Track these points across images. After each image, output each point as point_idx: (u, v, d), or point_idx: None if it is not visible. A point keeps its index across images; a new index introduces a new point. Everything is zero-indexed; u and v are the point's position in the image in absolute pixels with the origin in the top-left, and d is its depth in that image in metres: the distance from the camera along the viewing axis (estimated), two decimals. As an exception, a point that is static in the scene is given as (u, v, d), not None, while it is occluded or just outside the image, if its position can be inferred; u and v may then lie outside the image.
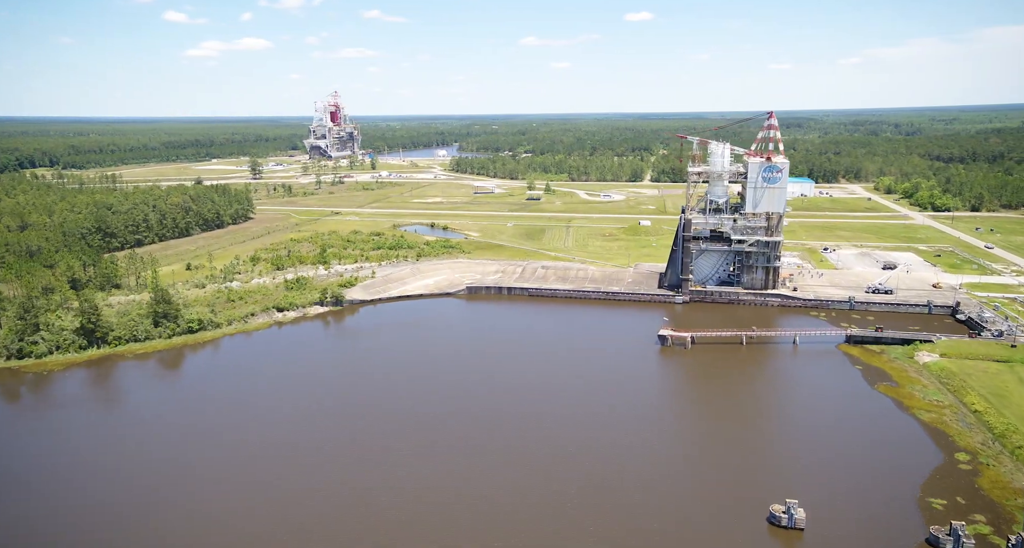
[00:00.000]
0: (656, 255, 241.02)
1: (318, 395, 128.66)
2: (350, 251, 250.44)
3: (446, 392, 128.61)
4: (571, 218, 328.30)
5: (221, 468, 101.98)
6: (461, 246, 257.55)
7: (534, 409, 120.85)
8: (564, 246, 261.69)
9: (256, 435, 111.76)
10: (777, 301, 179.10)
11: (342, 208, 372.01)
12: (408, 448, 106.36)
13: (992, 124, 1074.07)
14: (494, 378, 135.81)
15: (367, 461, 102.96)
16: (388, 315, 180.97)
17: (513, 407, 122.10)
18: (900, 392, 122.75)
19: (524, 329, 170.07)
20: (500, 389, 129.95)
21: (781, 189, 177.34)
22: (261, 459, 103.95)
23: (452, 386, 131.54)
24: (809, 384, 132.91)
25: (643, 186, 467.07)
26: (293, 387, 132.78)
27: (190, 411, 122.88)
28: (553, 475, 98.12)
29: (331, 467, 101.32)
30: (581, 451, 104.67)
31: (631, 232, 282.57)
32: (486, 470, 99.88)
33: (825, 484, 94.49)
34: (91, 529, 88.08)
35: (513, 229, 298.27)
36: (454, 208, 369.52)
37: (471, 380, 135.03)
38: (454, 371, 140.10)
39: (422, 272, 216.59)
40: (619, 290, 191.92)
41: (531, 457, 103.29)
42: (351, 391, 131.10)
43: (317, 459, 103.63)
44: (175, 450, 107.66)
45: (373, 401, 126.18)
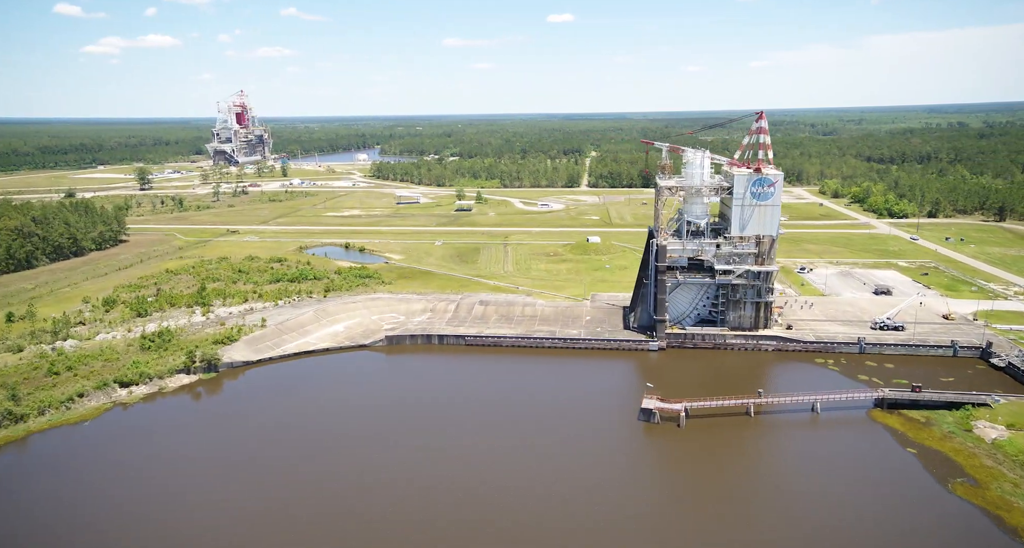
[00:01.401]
0: (612, 281, 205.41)
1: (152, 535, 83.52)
2: (240, 286, 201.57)
3: (348, 512, 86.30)
4: (508, 233, 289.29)
5: None
6: (380, 274, 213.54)
7: (480, 535, 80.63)
8: (503, 271, 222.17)
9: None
10: (772, 345, 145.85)
11: (240, 225, 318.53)
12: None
13: (896, 125, 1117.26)
14: (418, 488, 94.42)
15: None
16: (278, 384, 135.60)
17: (448, 531, 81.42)
18: (988, 498, 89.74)
19: (461, 400, 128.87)
20: (427, 506, 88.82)
21: (774, 207, 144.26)
22: None
23: (358, 501, 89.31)
24: (857, 484, 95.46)
25: (581, 192, 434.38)
26: (121, 519, 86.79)
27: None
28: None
29: None
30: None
31: (579, 250, 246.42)
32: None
33: None
34: None
35: (442, 249, 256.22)
36: (373, 223, 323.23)
37: (387, 490, 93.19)
38: (363, 475, 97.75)
39: (329, 315, 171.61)
40: (579, 335, 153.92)
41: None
42: (216, 521, 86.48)
43: None
44: None
45: (248, 525, 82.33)
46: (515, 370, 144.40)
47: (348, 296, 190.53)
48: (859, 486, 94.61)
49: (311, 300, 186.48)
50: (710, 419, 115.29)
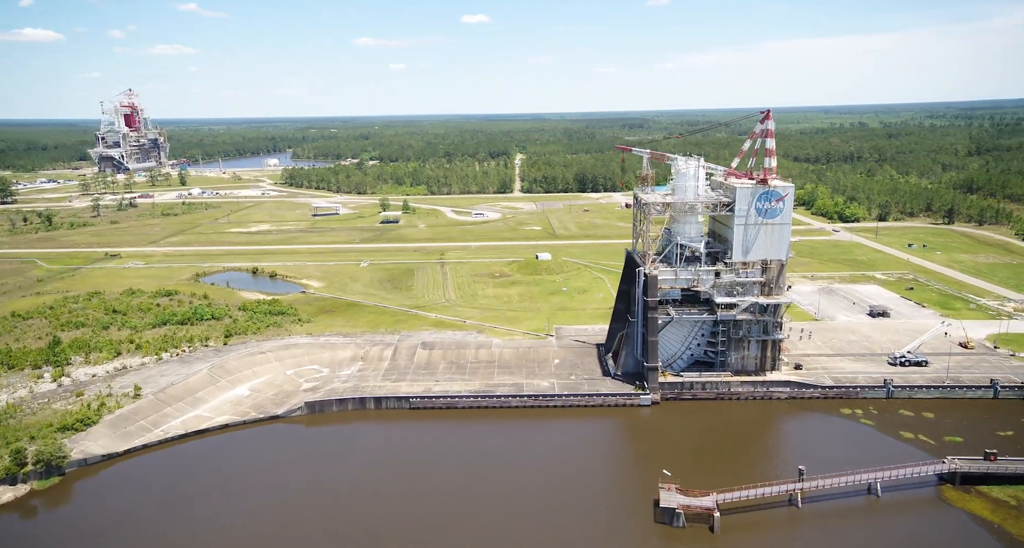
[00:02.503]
0: (574, 307, 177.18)
1: None
2: (113, 333, 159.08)
3: None
4: (443, 249, 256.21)
5: None
6: (296, 309, 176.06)
7: None
8: (445, 298, 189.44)
9: None
10: (785, 392, 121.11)
11: (124, 247, 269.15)
12: None
13: (801, 125, 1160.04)
14: None
15: None
16: (153, 488, 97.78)
17: None
18: None
19: (411, 494, 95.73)
20: None
21: (783, 225, 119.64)
22: None
23: None
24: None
25: (516, 199, 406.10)
26: None
27: None
28: None
29: None
30: None
31: (528, 270, 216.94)
32: None
33: None
34: None
35: (370, 272, 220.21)
36: (287, 240, 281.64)
37: None
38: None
39: (230, 373, 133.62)
40: (553, 390, 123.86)
41: None
42: None
43: None
44: None
45: None
46: (477, 442, 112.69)
47: (255, 342, 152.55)
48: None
49: (207, 350, 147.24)
50: (747, 515, 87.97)
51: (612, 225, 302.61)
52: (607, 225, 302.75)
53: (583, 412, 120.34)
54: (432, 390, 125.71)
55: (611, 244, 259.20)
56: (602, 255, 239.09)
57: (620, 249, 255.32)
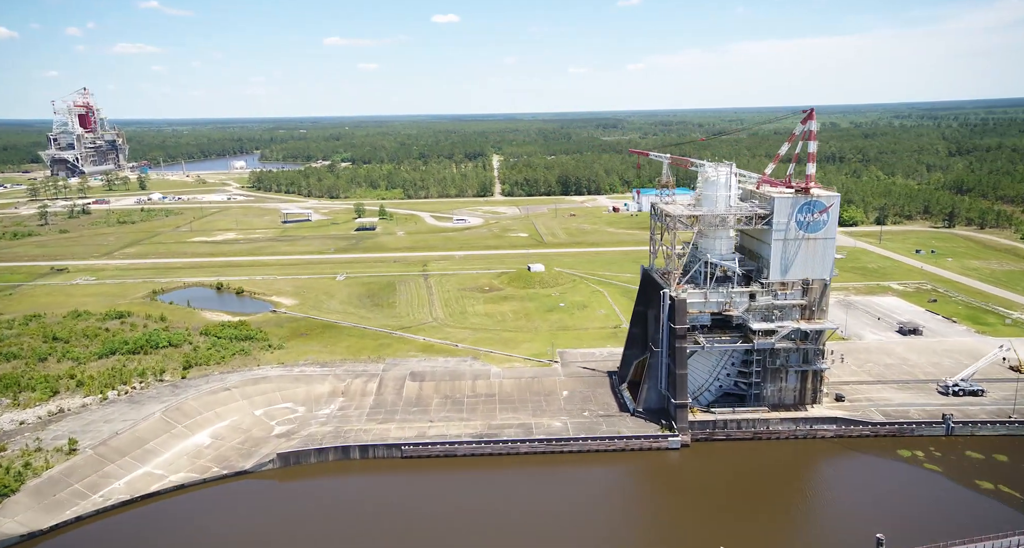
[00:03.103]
0: (575, 326, 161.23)
1: None
2: (52, 366, 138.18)
3: None
4: (426, 260, 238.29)
5: None
6: (266, 333, 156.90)
7: None
8: (432, 317, 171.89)
9: None
10: (831, 430, 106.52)
11: (72, 260, 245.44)
12: None
13: (773, 125, 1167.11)
14: None
15: None
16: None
17: None
18: None
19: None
20: None
21: (827, 240, 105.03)
22: None
23: None
24: None
25: (497, 202, 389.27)
26: None
27: None
28: None
29: None
30: None
31: (520, 282, 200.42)
32: None
33: None
34: None
35: (347, 287, 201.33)
36: (255, 250, 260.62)
37: None
38: None
39: (188, 416, 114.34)
40: (565, 432, 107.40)
41: None
42: None
43: None
44: None
45: None
46: (482, 497, 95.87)
47: (219, 374, 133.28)
48: None
49: (162, 387, 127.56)
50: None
51: (602, 231, 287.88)
52: (597, 231, 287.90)
53: (602, 458, 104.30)
54: (427, 434, 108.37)
55: (604, 253, 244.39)
56: (597, 265, 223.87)
57: (615, 258, 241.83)
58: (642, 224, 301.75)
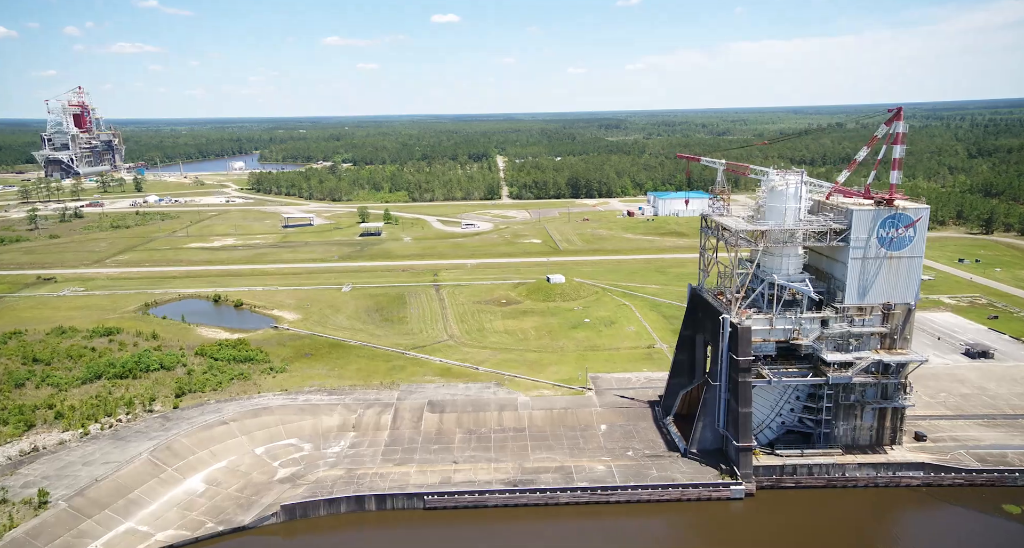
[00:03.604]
0: (604, 345, 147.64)
1: None
2: (28, 393, 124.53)
3: None
4: (436, 269, 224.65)
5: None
6: (267, 354, 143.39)
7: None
8: (447, 333, 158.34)
9: None
10: (918, 477, 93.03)
11: (61, 268, 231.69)
12: None
13: (776, 125, 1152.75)
14: None
15: None
16: None
17: None
18: None
19: None
20: None
21: (913, 259, 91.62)
22: None
23: None
24: None
25: (505, 206, 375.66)
26: None
27: None
28: None
29: None
30: None
31: (539, 295, 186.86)
32: None
33: None
34: None
35: (353, 299, 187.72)
36: (254, 258, 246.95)
37: None
38: None
39: (179, 456, 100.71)
40: (610, 479, 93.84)
41: None
42: None
43: None
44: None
45: None
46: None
47: (215, 402, 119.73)
48: None
49: (151, 419, 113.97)
50: None
51: (619, 237, 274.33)
52: (614, 237, 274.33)
53: (655, 509, 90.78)
54: (452, 480, 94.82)
55: (625, 262, 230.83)
56: (619, 275, 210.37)
57: (637, 267, 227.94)
58: (660, 229, 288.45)
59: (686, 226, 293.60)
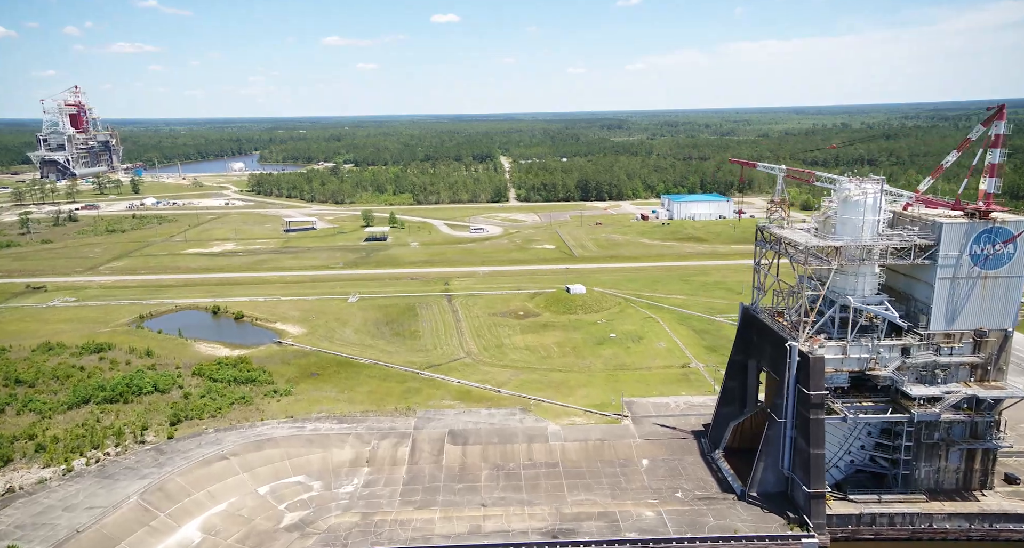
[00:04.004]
0: (634, 364, 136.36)
1: None
2: (7, 421, 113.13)
3: None
4: (446, 277, 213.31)
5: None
6: (271, 374, 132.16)
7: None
8: (463, 349, 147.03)
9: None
10: (1019, 531, 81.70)
11: (52, 276, 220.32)
12: None
13: (779, 126, 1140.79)
14: None
15: None
16: None
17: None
18: None
19: None
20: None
21: (1012, 278, 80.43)
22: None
23: None
24: None
25: (514, 209, 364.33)
26: None
27: None
28: None
29: None
30: None
31: (558, 306, 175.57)
32: None
33: None
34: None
35: (360, 310, 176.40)
36: (255, 264, 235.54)
37: None
38: None
39: (172, 498, 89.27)
40: (661, 529, 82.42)
41: None
42: None
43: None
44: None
45: None
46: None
47: (213, 432, 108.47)
48: None
49: (142, 452, 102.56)
50: None
51: (636, 243, 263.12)
52: (630, 243, 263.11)
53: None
54: (482, 529, 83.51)
55: (644, 269, 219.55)
56: (640, 284, 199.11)
57: (658, 276, 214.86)
58: (677, 234, 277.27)
59: (704, 231, 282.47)
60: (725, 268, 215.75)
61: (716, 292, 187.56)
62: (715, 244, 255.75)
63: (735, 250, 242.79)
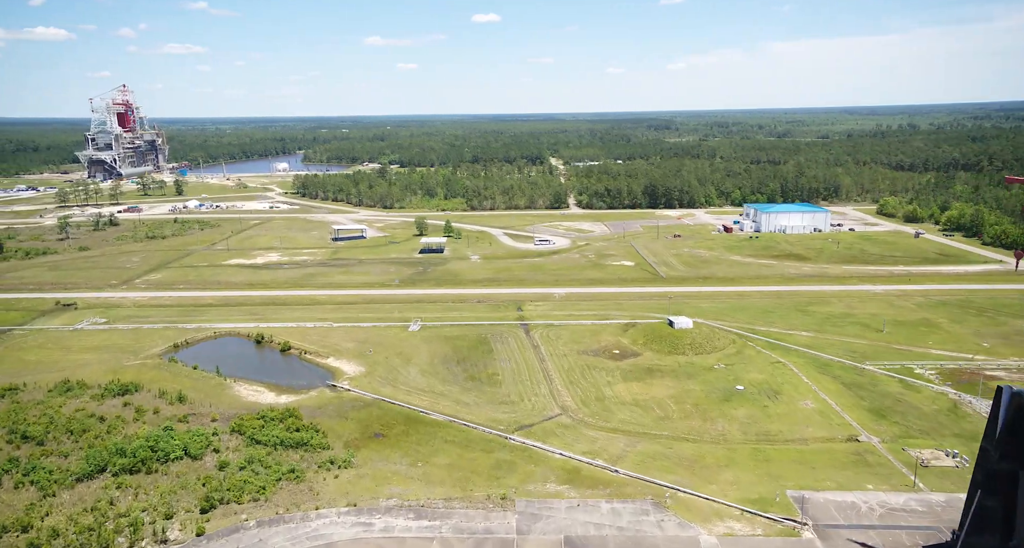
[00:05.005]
0: (781, 432, 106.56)
1: None
2: (2, 497, 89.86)
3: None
4: (518, 300, 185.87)
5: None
6: (325, 434, 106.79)
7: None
8: (556, 402, 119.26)
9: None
10: None
11: (85, 290, 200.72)
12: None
13: (834, 126, 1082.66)
14: None
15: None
16: None
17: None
18: None
19: None
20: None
21: None
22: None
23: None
24: None
25: (576, 217, 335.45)
26: None
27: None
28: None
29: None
30: None
31: (662, 344, 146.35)
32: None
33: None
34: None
35: (426, 343, 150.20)
36: (302, 279, 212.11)
37: None
38: None
39: None
40: None
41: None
42: None
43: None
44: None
45: None
46: None
47: (255, 525, 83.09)
48: None
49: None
50: None
51: (726, 260, 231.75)
52: (719, 260, 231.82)
53: None
54: None
55: (747, 294, 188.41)
56: (749, 314, 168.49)
57: (767, 304, 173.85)
58: (771, 250, 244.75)
59: (800, 246, 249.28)
60: (846, 296, 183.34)
61: (848, 328, 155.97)
62: (821, 264, 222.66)
63: (849, 272, 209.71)
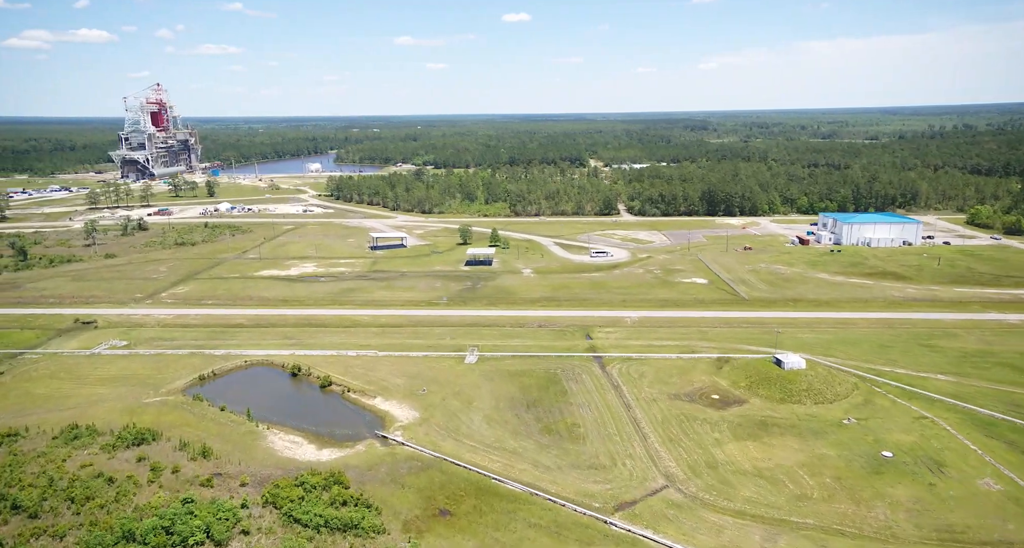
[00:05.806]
0: (965, 526, 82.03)
1: None
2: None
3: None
4: (586, 325, 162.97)
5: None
6: (379, 509, 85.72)
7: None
8: (661, 473, 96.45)
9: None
10: None
11: (107, 305, 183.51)
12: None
13: (879, 127, 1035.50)
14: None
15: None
16: None
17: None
18: None
19: None
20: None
21: None
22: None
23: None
24: None
25: (630, 224, 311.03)
26: None
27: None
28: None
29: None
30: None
31: (771, 389, 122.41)
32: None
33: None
34: None
35: (488, 381, 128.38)
36: (341, 295, 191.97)
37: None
38: None
39: None
40: None
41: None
42: None
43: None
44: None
45: None
46: None
47: None
48: None
49: None
50: None
51: (810, 278, 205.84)
52: (803, 278, 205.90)
53: None
54: None
55: (851, 323, 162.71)
56: (862, 349, 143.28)
57: (878, 335, 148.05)
58: (860, 267, 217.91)
59: (893, 262, 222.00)
60: (974, 326, 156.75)
61: (994, 371, 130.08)
62: (925, 284, 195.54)
63: (964, 295, 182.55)
